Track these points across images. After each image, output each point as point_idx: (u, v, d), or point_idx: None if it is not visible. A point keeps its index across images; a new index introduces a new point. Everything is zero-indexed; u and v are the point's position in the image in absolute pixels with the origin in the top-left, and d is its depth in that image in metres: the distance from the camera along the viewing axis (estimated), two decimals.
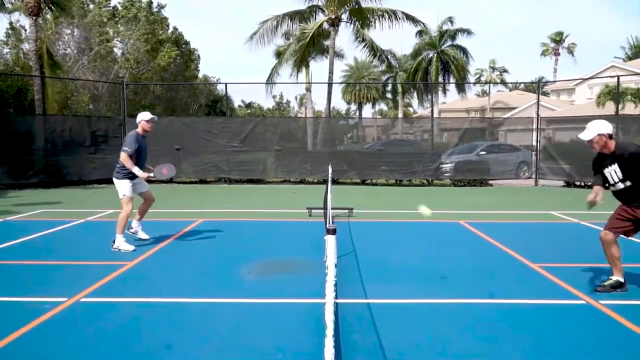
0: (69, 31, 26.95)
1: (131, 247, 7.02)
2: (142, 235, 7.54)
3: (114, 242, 7.04)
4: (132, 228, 7.49)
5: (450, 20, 36.14)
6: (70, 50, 26.98)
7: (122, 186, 7.08)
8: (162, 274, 5.92)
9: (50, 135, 16.04)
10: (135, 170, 6.95)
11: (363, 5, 22.57)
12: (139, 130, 7.31)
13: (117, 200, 7.09)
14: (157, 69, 29.67)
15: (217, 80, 42.00)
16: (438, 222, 9.67)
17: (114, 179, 7.19)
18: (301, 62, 23.74)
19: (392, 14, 22.39)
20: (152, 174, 7.25)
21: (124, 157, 6.94)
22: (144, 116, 7.34)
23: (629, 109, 29.08)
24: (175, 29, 33.01)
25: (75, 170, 16.47)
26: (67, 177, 16.30)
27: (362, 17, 22.35)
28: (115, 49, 28.75)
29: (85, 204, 11.99)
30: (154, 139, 16.94)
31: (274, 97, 65.88)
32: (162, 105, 32.13)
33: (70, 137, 16.48)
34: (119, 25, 28.50)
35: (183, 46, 33.84)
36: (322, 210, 9.29)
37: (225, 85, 20.29)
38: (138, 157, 7.09)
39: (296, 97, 73.82)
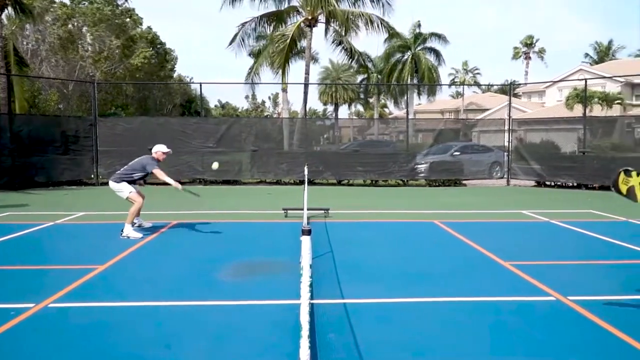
0: (33, 27, 26.19)
1: (139, 235, 7.95)
2: (146, 224, 8.66)
3: (122, 231, 7.93)
4: (135, 224, 8.45)
5: (419, 24, 36.79)
6: (40, 46, 26.31)
7: (124, 187, 8.16)
8: (133, 277, 5.82)
9: (17, 135, 15.56)
10: (170, 180, 8.06)
11: (340, 7, 22.64)
12: (155, 156, 8.41)
13: (88, 202, 6.98)
14: (131, 69, 29.15)
15: (191, 80, 41.61)
16: (413, 222, 9.77)
17: (112, 183, 8.26)
18: (284, 65, 23.70)
19: (368, 18, 22.52)
20: (180, 187, 8.22)
21: (156, 171, 8.13)
22: (161, 148, 8.50)
23: (596, 111, 29.88)
24: (149, 28, 32.56)
25: (44, 172, 16.05)
26: (35, 178, 15.89)
27: (339, 19, 22.41)
28: (85, 44, 28.08)
29: (55, 206, 11.72)
30: (126, 139, 16.79)
31: (246, 97, 65.47)
32: (135, 104, 31.67)
33: (39, 137, 16.05)
34: (84, 19, 27.68)
35: (158, 46, 33.38)
36: (299, 211, 9.28)
37: (200, 85, 20.08)
38: (145, 175, 8.38)
39: (270, 97, 73.55)
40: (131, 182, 8.28)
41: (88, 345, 3.91)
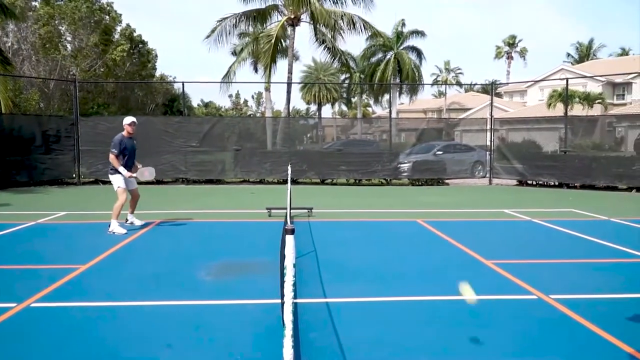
0: (16, 27, 25.72)
1: (124, 231, 8.10)
2: (137, 222, 8.73)
3: (109, 226, 8.10)
4: (128, 221, 8.66)
5: (403, 22, 36.96)
6: (22, 46, 25.84)
7: (116, 180, 8.33)
8: (116, 277, 5.77)
9: None
10: (121, 169, 8.24)
11: (321, 6, 22.63)
12: (124, 132, 8.46)
13: (70, 201, 6.91)
14: (110, 65, 28.75)
15: (174, 79, 41.21)
16: (396, 221, 9.83)
17: (109, 175, 8.47)
18: (271, 65, 23.66)
19: (350, 19, 22.56)
20: (135, 175, 8.47)
21: (111, 158, 8.25)
22: (125, 120, 8.56)
23: (577, 110, 30.34)
24: (128, 25, 32.10)
25: (25, 171, 15.83)
26: (16, 178, 15.65)
27: (321, 18, 22.41)
28: (64, 42, 27.60)
29: (36, 205, 11.56)
30: (108, 138, 16.55)
31: (230, 96, 65.14)
32: (117, 104, 31.27)
33: (20, 136, 15.81)
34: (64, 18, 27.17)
35: (140, 45, 32.96)
36: (282, 210, 9.27)
37: (182, 84, 19.92)
38: (125, 156, 8.36)
39: (253, 96, 73.36)
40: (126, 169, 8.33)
41: (70, 344, 3.87)
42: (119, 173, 8.29)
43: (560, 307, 4.74)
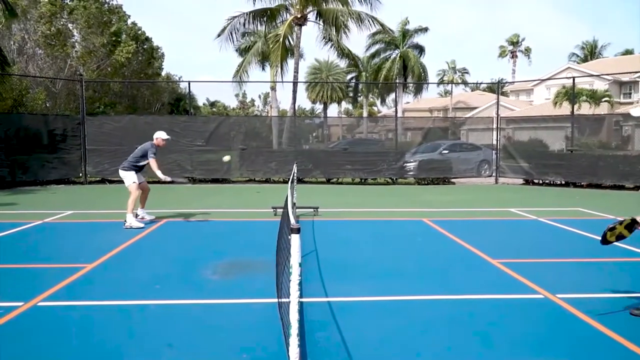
0: (19, 25, 25.75)
1: (141, 225, 8.40)
2: (148, 217, 9.00)
3: (125, 221, 8.37)
4: (138, 216, 8.84)
5: (407, 21, 37.00)
6: (27, 44, 25.93)
7: (130, 176, 8.64)
8: (123, 276, 5.79)
9: (4, 134, 15.44)
10: (158, 173, 8.64)
11: (328, 5, 22.64)
12: (155, 142, 8.96)
13: (76, 201, 6.93)
14: (116, 65, 28.84)
15: (180, 79, 41.31)
16: (402, 220, 9.81)
17: (121, 171, 8.76)
18: (282, 64, 23.69)
19: (357, 16, 22.57)
20: (169, 178, 9.01)
21: (152, 162, 8.67)
22: (162, 135, 9.08)
23: (584, 109, 30.19)
24: (134, 24, 32.18)
25: (32, 171, 15.93)
26: (23, 177, 15.75)
27: (328, 17, 22.42)
28: (71, 42, 27.69)
29: (43, 205, 11.62)
30: (115, 138, 16.68)
31: (236, 95, 65.14)
32: (124, 103, 31.37)
33: (26, 136, 15.92)
34: (72, 15, 27.20)
35: (145, 42, 33.04)
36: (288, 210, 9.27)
37: (189, 84, 19.92)
38: (146, 162, 8.80)
39: (260, 96, 73.44)
40: (139, 169, 8.84)
41: (76, 343, 3.88)
42: (133, 170, 8.67)
43: (567, 306, 4.72)
